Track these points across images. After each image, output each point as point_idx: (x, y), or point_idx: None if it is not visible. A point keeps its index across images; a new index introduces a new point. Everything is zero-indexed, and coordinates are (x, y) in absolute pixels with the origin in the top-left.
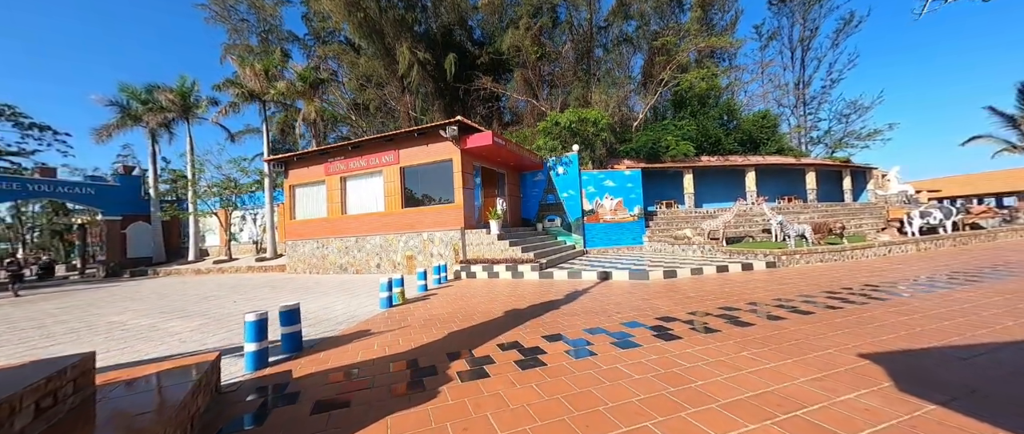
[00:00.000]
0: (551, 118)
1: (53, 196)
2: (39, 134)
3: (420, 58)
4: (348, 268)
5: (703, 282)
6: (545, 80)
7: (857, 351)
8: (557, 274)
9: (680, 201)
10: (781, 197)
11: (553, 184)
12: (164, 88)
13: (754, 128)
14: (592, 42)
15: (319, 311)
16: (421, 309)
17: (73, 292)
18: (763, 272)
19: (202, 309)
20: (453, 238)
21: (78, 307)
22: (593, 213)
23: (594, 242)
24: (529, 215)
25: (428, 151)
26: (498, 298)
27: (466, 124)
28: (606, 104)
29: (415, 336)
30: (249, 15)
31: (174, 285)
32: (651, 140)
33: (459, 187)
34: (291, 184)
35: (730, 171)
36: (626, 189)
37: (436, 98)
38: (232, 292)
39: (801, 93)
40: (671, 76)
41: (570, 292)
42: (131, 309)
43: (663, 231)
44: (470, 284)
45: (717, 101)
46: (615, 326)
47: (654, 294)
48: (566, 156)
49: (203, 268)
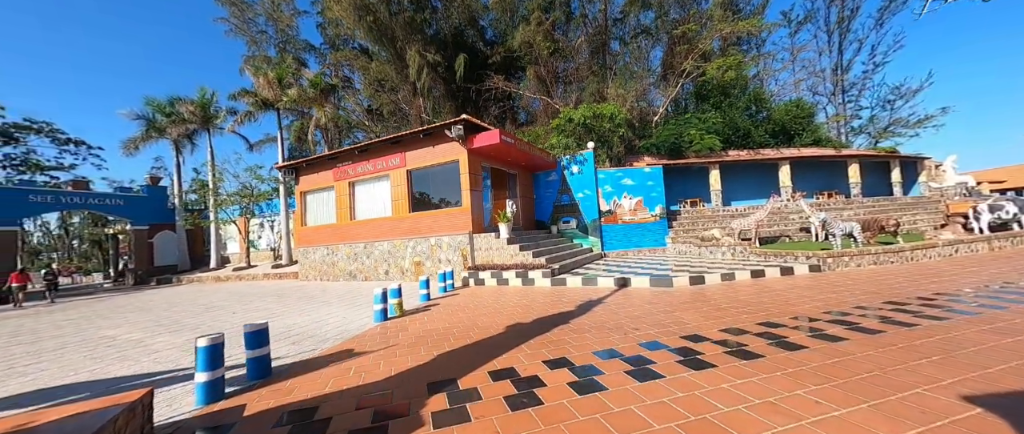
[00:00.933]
0: (564, 115)
1: (85, 207)
2: (75, 149)
3: (430, 60)
4: (357, 275)
5: (736, 290)
6: (559, 77)
7: (959, 391)
8: (571, 281)
9: (706, 199)
10: (820, 192)
11: (568, 184)
12: (185, 100)
13: (787, 118)
14: (607, 35)
15: (309, 325)
16: (417, 323)
17: (94, 301)
18: (806, 277)
19: (198, 322)
20: (461, 243)
21: (85, 318)
22: (611, 214)
23: (613, 245)
24: (543, 217)
25: (434, 153)
26: (503, 309)
27: (472, 123)
28: (623, 98)
29: (400, 359)
30: (268, 27)
31: (188, 294)
32: (672, 134)
33: (466, 189)
34: (302, 191)
35: (761, 165)
36: (646, 187)
37: (447, 100)
38: (237, 302)
39: (839, 79)
40: (693, 66)
41: (583, 302)
42: (130, 321)
43: (688, 232)
44: (477, 293)
45: (744, 91)
46: (632, 348)
47: (679, 305)
48: (581, 154)
49: (223, 276)
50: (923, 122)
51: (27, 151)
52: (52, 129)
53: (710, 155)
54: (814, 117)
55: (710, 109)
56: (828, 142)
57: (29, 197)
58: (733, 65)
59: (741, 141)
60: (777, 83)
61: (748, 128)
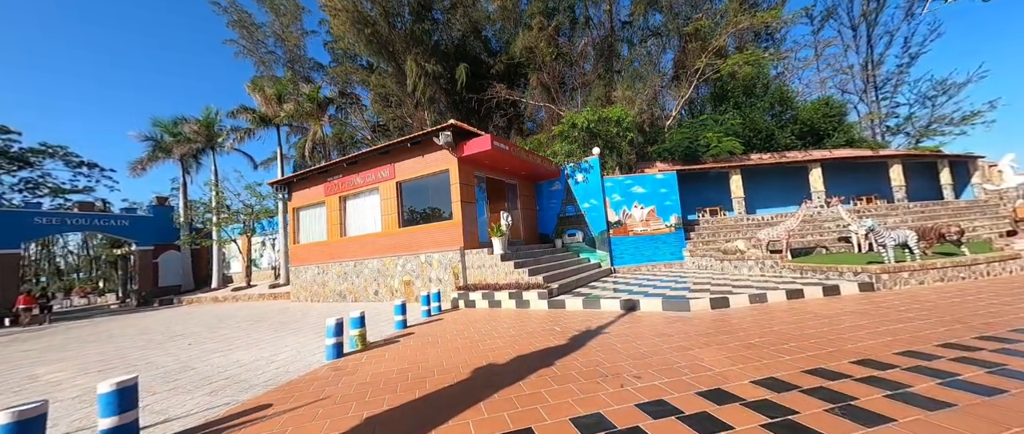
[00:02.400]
0: (567, 119)
1: (90, 229)
2: (88, 171)
3: (429, 70)
4: (347, 295)
5: (770, 315)
6: (564, 84)
7: None
8: (570, 303)
9: (727, 207)
10: (858, 197)
11: (572, 194)
12: (189, 120)
13: (815, 117)
14: (613, 37)
15: (251, 363)
16: (373, 362)
17: (83, 324)
18: (857, 298)
19: (142, 356)
20: (452, 260)
21: (50, 349)
22: (620, 225)
23: (623, 259)
24: (547, 230)
25: (424, 163)
26: (483, 341)
27: (462, 128)
28: (631, 101)
29: (314, 426)
30: (276, 48)
31: (172, 317)
32: (687, 138)
33: (457, 201)
34: (294, 207)
35: (788, 169)
36: (659, 195)
37: (450, 111)
38: (208, 329)
39: (871, 75)
40: (707, 64)
41: (580, 332)
42: (78, 355)
43: (707, 243)
44: (462, 318)
45: (766, 90)
46: (627, 413)
47: (697, 336)
48: (585, 161)
49: (220, 296)
50: (970, 119)
51: (42, 175)
52: (66, 153)
53: (730, 159)
54: (845, 116)
55: (729, 110)
56: (863, 142)
57: (34, 220)
58: (751, 60)
59: (764, 144)
60: (801, 82)
61: (772, 130)
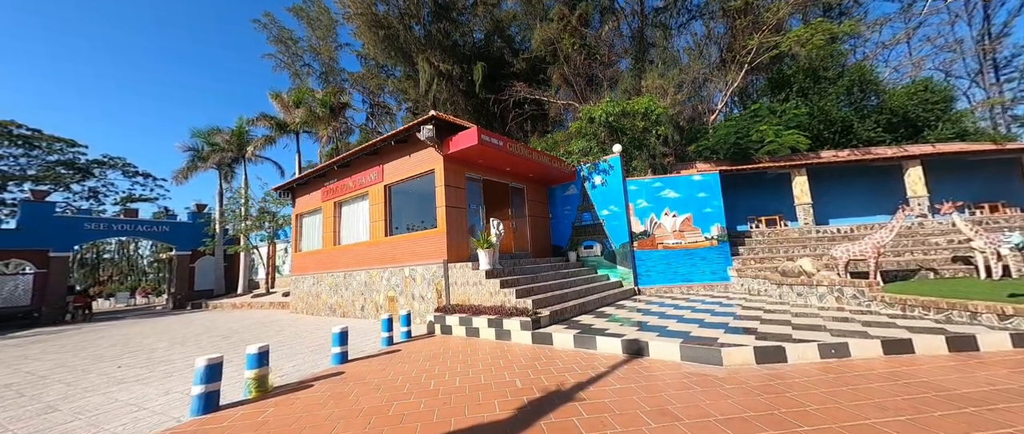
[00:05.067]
0: (583, 113)
1: (134, 234)
2: (143, 181)
3: (442, 70)
4: (337, 309)
5: (857, 385)
6: (590, 79)
7: None
8: (559, 338)
9: (788, 216)
10: (977, 205)
11: (589, 199)
12: (222, 130)
13: (910, 105)
14: (645, 23)
15: (94, 410)
16: (250, 426)
17: (97, 329)
18: (1007, 358)
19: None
20: (436, 275)
21: (35, 356)
22: (647, 236)
23: (650, 277)
24: (562, 241)
25: (411, 163)
26: (429, 396)
27: (446, 121)
28: (663, 91)
29: None
30: (312, 61)
31: (182, 323)
32: (735, 133)
33: (442, 205)
34: (297, 213)
35: (873, 169)
36: (696, 201)
37: (467, 113)
38: (184, 342)
39: (988, 51)
40: (762, 43)
41: (558, 390)
42: (25, 371)
43: (761, 261)
44: (426, 350)
45: (840, 73)
46: None
47: (727, 421)
48: (604, 161)
49: (239, 303)
50: None
51: (104, 184)
52: (125, 164)
53: (792, 157)
54: (952, 102)
55: (792, 99)
56: (982, 135)
57: (84, 225)
58: (820, 32)
59: (839, 138)
60: (887, 64)
61: (849, 121)
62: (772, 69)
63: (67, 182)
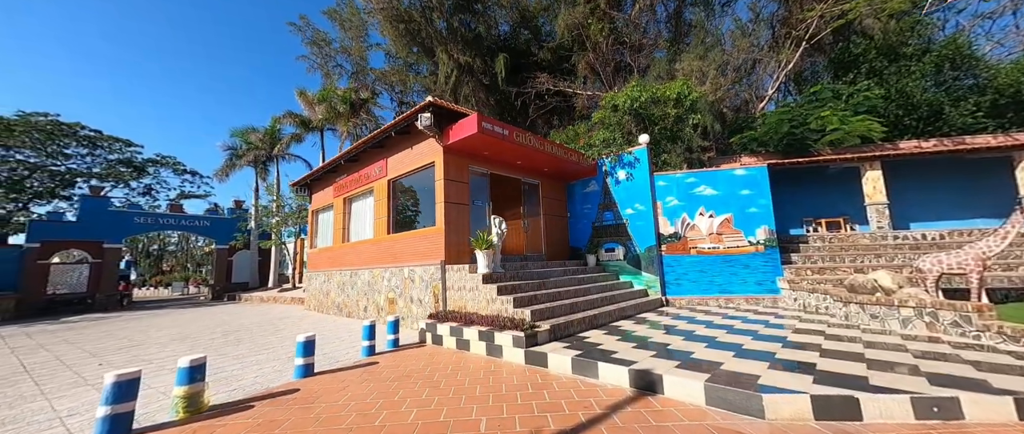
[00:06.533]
0: (607, 101)
1: (179, 228)
2: (191, 178)
3: (461, 62)
4: (343, 309)
5: None
6: (618, 65)
7: None
8: (556, 360)
9: (856, 218)
10: None
11: (611, 196)
12: (257, 130)
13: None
14: (683, 4)
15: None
16: None
17: (124, 318)
18: None
19: (39, 374)
20: (433, 276)
21: (46, 345)
22: (677, 239)
23: (680, 286)
24: (581, 243)
25: (413, 155)
26: (366, 432)
27: (445, 108)
28: (702, 73)
29: None
30: (344, 62)
31: (203, 315)
32: (788, 120)
33: (441, 201)
34: (314, 209)
35: (971, 162)
36: (739, 199)
37: (489, 108)
38: (184, 338)
39: None
40: (823, 13)
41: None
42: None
43: (821, 272)
44: (409, 363)
45: (925, 49)
46: None
47: None
48: (629, 153)
49: (266, 296)
50: None
51: (158, 182)
52: (175, 162)
53: (862, 148)
54: None
55: (861, 80)
56: None
57: (135, 219)
58: None
59: (923, 125)
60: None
61: (939, 104)
62: (835, 47)
63: (126, 179)
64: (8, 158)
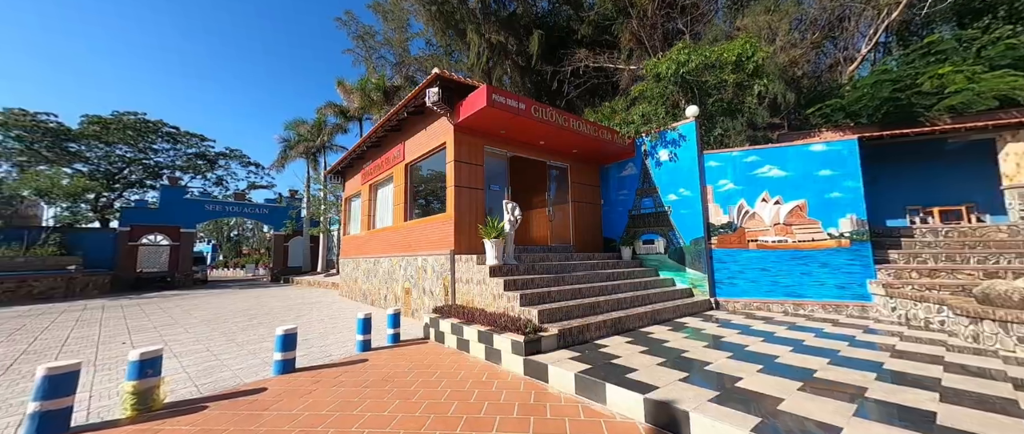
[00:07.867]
0: (648, 69)
1: (242, 215)
2: (255, 170)
3: (493, 41)
4: (368, 296)
5: None
6: (667, 32)
7: None
8: (558, 374)
9: (985, 205)
10: None
11: (650, 180)
12: (305, 122)
13: None
14: None
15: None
16: None
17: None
18: None
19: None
20: (444, 267)
21: (90, 322)
22: (732, 229)
23: (734, 286)
24: (615, 233)
25: (427, 136)
26: None
27: (455, 82)
28: (770, 29)
29: None
30: (387, 53)
31: (250, 297)
32: (889, 81)
33: (451, 184)
34: (346, 196)
35: None
36: (815, 181)
37: (525, 90)
38: (211, 321)
39: None
40: None
41: None
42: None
43: (933, 275)
44: (398, 362)
45: None
46: None
47: None
48: (672, 128)
49: (313, 281)
50: None
51: (227, 174)
52: (241, 155)
53: (997, 115)
54: None
55: (994, 27)
56: None
57: (205, 206)
58: None
59: None
60: None
61: None
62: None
63: (202, 171)
64: (111, 153)
